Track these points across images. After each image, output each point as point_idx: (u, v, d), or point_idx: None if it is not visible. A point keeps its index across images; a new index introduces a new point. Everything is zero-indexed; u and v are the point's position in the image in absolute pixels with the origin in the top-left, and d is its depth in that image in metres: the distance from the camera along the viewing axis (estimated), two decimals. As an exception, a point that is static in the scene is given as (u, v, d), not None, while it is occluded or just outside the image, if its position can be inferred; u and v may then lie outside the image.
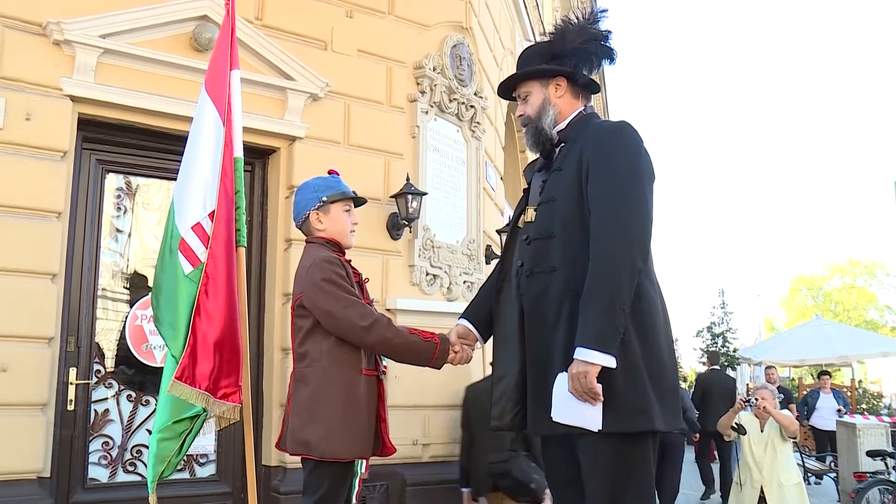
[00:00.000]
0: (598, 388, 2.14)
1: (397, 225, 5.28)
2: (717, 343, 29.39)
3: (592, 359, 2.13)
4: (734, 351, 27.12)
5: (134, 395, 4.53)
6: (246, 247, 3.14)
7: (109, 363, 4.49)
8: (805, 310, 42.53)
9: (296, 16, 5.06)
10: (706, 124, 73.29)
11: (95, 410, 4.39)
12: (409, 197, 5.17)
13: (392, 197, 5.25)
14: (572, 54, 2.56)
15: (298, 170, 4.87)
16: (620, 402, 2.18)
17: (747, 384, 19.06)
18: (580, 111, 2.59)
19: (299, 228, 3.04)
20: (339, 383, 2.72)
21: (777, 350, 16.99)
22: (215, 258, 2.91)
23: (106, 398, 4.45)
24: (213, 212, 2.97)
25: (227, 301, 2.90)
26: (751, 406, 5.49)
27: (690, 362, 34.83)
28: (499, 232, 6.83)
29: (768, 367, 11.57)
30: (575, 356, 2.17)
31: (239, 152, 3.17)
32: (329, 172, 3.08)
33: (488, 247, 6.43)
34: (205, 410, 2.87)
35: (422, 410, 5.28)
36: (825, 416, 11.43)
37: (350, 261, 2.97)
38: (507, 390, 2.49)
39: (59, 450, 4.16)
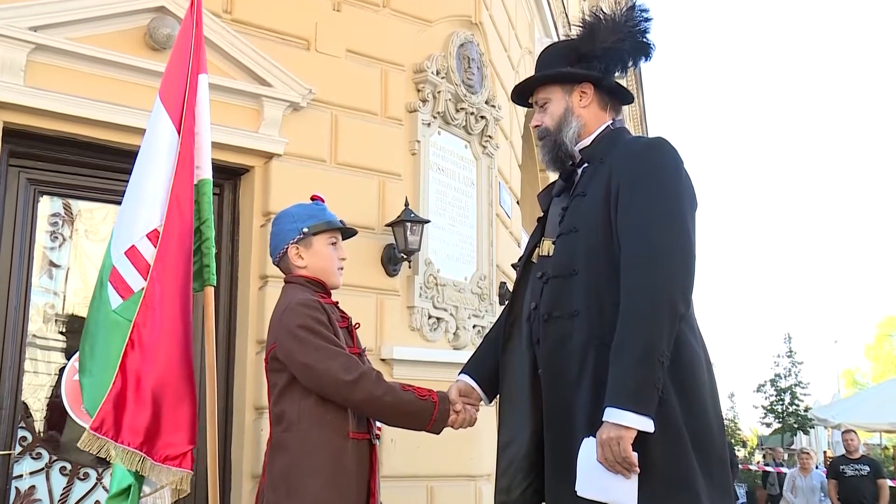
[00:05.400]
0: (634, 456, 2.15)
1: (394, 259, 5.30)
2: (783, 400, 29.15)
3: (626, 421, 2.14)
4: (805, 410, 26.89)
5: (69, 467, 4.43)
6: (215, 285, 3.17)
7: (39, 427, 4.43)
8: (897, 360, 42.19)
9: (273, 9, 5.12)
10: (772, 140, 73.48)
11: (17, 488, 4.29)
12: (409, 225, 5.20)
13: (388, 225, 5.29)
14: (602, 56, 2.60)
15: (276, 193, 4.91)
16: (659, 475, 2.18)
17: (824, 452, 18.79)
18: (608, 125, 2.64)
19: (277, 266, 3.06)
20: (321, 450, 2.72)
21: (861, 410, 16.72)
22: (160, 284, 2.87)
23: (32, 472, 4.35)
24: (156, 230, 2.96)
25: (180, 338, 2.86)
26: None
27: (750, 422, 34.49)
28: (515, 266, 6.84)
29: (846, 432, 11.41)
30: (605, 418, 2.18)
31: (207, 173, 3.20)
32: (312, 199, 3.11)
33: (502, 284, 6.44)
34: (140, 478, 2.79)
35: (424, 481, 5.26)
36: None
37: (337, 303, 3.00)
38: (517, 459, 2.51)
39: (-34, 540, 4.06)
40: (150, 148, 3.11)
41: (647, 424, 2.15)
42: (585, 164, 2.58)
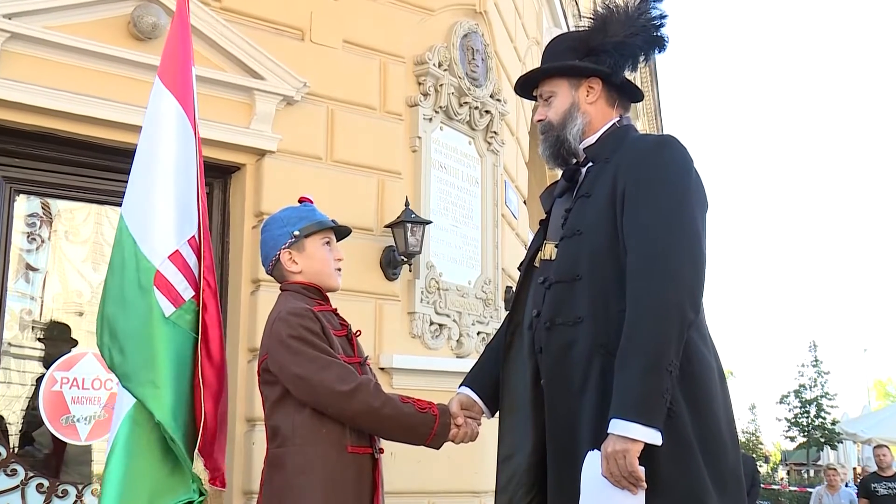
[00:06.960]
0: (641, 471, 2.16)
1: (394, 262, 5.32)
2: (808, 412, 29.07)
3: (633, 433, 2.16)
4: (833, 423, 26.82)
5: (47, 483, 4.38)
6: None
7: (14, 442, 4.42)
8: (934, 369, 42.09)
9: (265, -3, 5.14)
10: (801, 141, 73.36)
11: (-11, 507, 4.29)
12: (409, 226, 5.20)
13: (387, 226, 5.30)
14: (613, 51, 2.63)
15: (269, 192, 4.92)
16: (668, 490, 2.20)
17: (854, 469, 18.73)
18: (614, 122, 2.66)
19: (270, 275, 3.09)
20: (318, 466, 2.73)
21: (894, 423, 16.70)
22: (212, 296, 2.97)
23: (7, 490, 4.29)
24: (194, 237, 3.00)
25: (224, 353, 2.99)
26: None
27: (772, 436, 34.38)
28: (520, 269, 6.83)
29: (877, 447, 11.40)
30: (610, 430, 2.20)
31: None
32: (300, 201, 3.14)
33: (508, 289, 6.44)
34: (201, 494, 2.88)
35: (425, 497, 5.28)
36: None
37: (336, 309, 3.02)
38: (518, 472, 2.53)
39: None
40: (157, 133, 3.04)
41: (654, 437, 2.17)
42: (590, 164, 2.60)
